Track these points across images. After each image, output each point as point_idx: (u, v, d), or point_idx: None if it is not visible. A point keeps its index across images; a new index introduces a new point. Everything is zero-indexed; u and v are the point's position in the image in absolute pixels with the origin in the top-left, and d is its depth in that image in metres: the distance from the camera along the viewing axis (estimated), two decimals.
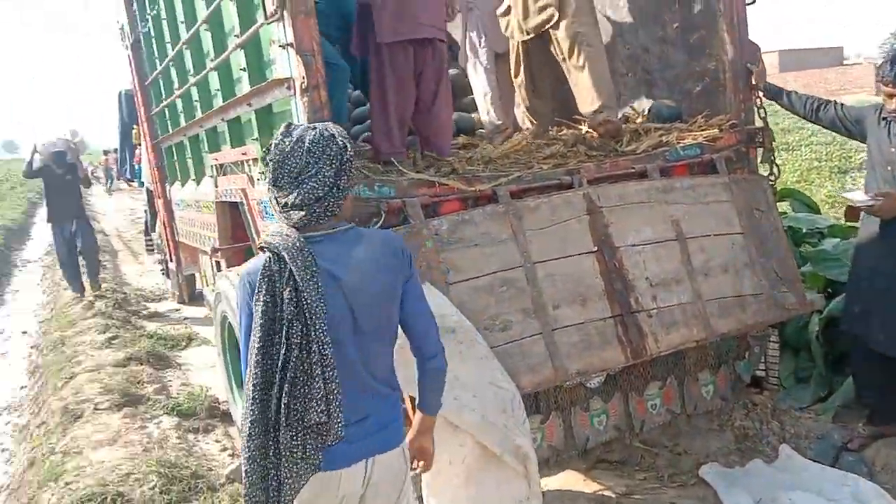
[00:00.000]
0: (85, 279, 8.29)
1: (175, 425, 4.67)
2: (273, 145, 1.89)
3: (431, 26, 3.14)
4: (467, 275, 2.75)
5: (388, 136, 3.13)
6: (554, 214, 2.97)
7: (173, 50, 4.75)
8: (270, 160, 1.88)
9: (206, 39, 3.85)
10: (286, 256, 1.80)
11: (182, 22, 4.32)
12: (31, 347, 7.89)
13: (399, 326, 2.02)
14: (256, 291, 1.81)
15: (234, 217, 4.25)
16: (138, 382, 5.45)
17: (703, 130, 3.64)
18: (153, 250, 9.45)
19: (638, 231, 3.13)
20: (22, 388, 6.70)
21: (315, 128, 1.88)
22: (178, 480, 3.83)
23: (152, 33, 5.52)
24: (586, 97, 3.66)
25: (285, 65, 2.74)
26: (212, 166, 4.29)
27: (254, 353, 1.80)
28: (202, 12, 3.80)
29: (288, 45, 2.59)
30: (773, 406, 3.84)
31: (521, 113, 4.50)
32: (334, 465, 1.88)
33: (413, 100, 3.23)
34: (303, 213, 1.84)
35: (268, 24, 2.73)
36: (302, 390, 1.79)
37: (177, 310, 8.02)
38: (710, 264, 3.27)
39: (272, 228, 1.93)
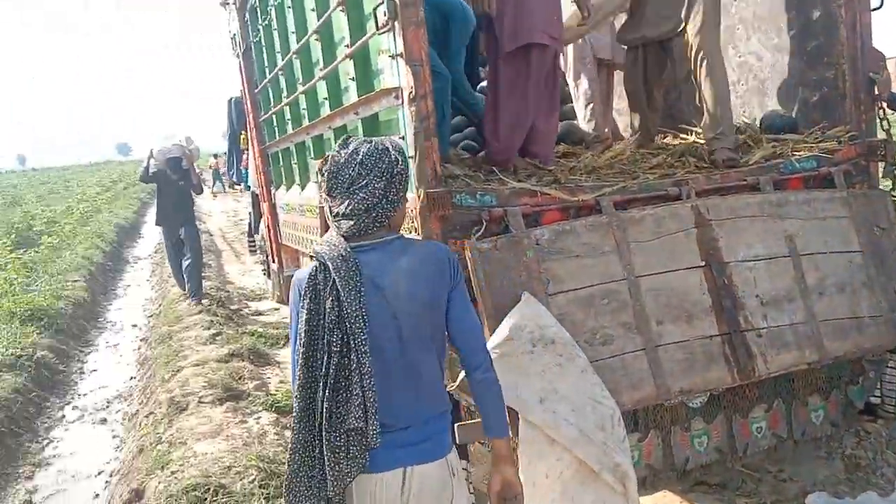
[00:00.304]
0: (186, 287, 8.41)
1: (273, 421, 4.83)
2: (330, 157, 1.96)
3: (546, 33, 3.13)
4: (568, 286, 2.71)
5: (499, 140, 3.15)
6: (660, 227, 2.90)
7: (283, 59, 4.93)
8: (326, 171, 1.95)
9: (316, 49, 3.98)
10: (330, 266, 1.87)
11: (292, 32, 4.48)
12: (141, 340, 8.36)
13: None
14: (302, 298, 1.90)
15: None
16: (239, 378, 5.67)
17: (819, 142, 3.46)
18: (255, 251, 9.81)
19: (749, 246, 3.01)
20: (131, 378, 7.10)
21: (370, 141, 1.95)
22: (277, 476, 3.95)
23: (263, 43, 5.76)
24: (706, 117, 3.56)
25: (394, 74, 2.79)
26: (317, 172, 4.41)
27: (300, 356, 1.89)
28: (313, 23, 3.92)
29: (398, 55, 2.64)
30: (889, 435, 3.61)
31: (622, 121, 4.43)
32: (371, 468, 1.91)
33: (528, 106, 3.24)
34: (352, 222, 1.91)
35: (379, 34, 2.79)
36: (343, 395, 1.86)
37: (276, 309, 8.31)
38: (825, 283, 3.11)
39: (325, 237, 1.98)
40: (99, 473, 5.07)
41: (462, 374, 2.55)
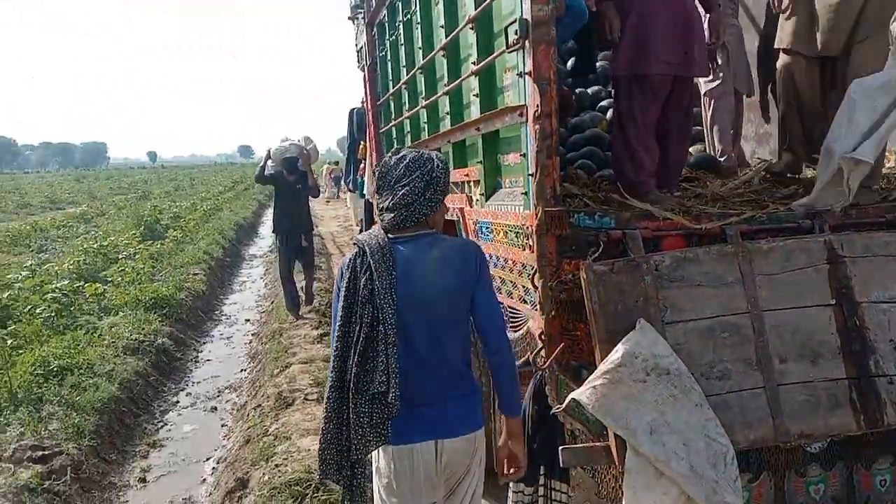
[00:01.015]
0: (301, 293, 8.35)
1: None
2: (383, 162, 2.30)
3: (670, 62, 3.08)
4: (687, 316, 2.62)
5: (633, 172, 3.09)
6: (788, 260, 2.76)
7: (407, 74, 5.05)
8: (377, 171, 2.29)
9: (441, 65, 4.05)
10: (368, 251, 2.20)
11: (419, 48, 4.59)
12: (252, 335, 8.73)
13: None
14: (342, 278, 2.23)
15: (448, 233, 4.41)
16: None
17: None
18: None
19: (884, 287, 2.81)
20: (242, 370, 7.43)
21: (419, 151, 2.34)
22: None
23: (388, 57, 5.92)
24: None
25: (520, 92, 2.81)
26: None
27: (337, 329, 2.18)
28: (440, 40, 4.00)
29: (526, 73, 2.65)
30: None
31: (747, 148, 4.26)
32: (408, 440, 2.21)
33: (652, 131, 3.19)
34: (392, 215, 2.24)
35: (508, 52, 2.81)
36: (370, 364, 2.11)
37: None
38: None
39: (369, 230, 2.35)
40: (207, 459, 5.34)
41: (568, 398, 2.52)
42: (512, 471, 2.40)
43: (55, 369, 5.97)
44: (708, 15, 3.36)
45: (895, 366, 2.75)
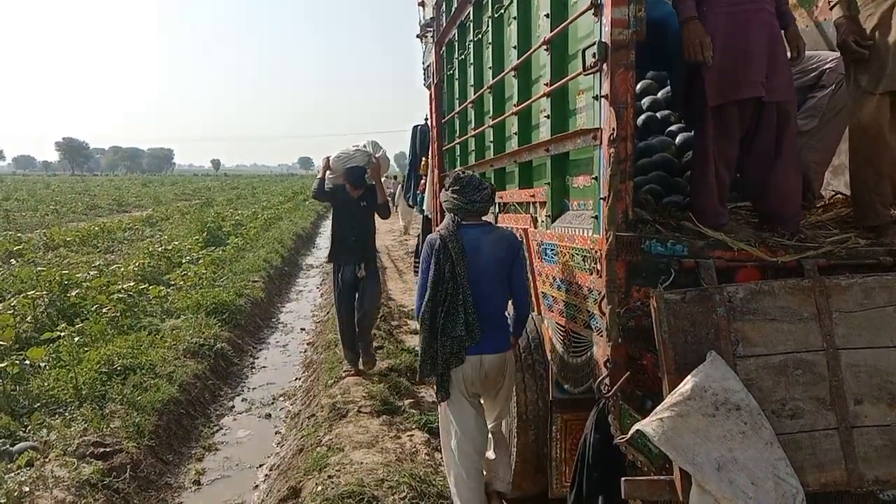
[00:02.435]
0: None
1: (425, 441, 4.92)
2: (466, 174, 3.67)
3: (762, 84, 2.94)
4: (759, 350, 2.54)
5: (709, 201, 3.00)
6: (867, 298, 2.65)
7: (475, 93, 5.08)
8: (460, 180, 3.59)
9: (512, 85, 4.06)
10: (447, 238, 3.49)
11: (489, 67, 4.61)
12: (308, 344, 8.83)
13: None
14: (433, 255, 3.50)
15: None
16: (397, 393, 5.84)
17: None
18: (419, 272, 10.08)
19: None
20: (296, 379, 7.51)
21: (475, 174, 3.90)
22: (426, 496, 4.01)
23: (456, 76, 5.97)
24: None
25: (594, 115, 2.79)
26: (495, 203, 4.48)
27: (429, 291, 3.49)
28: (512, 60, 4.01)
29: (603, 96, 2.63)
30: None
31: (842, 183, 4.09)
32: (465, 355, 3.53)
33: (733, 164, 3.09)
34: (473, 207, 3.55)
35: (585, 75, 2.79)
36: (451, 317, 3.47)
37: None
38: None
39: (443, 222, 3.62)
40: (260, 465, 5.40)
41: (633, 429, 2.47)
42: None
43: (119, 368, 6.15)
44: (784, 31, 3.20)
45: None
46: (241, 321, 8.95)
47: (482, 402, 3.79)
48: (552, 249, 3.38)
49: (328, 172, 6.34)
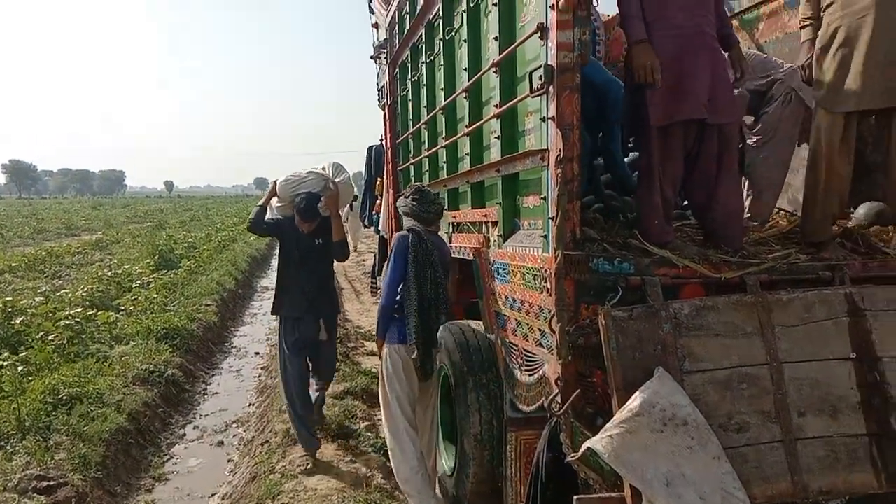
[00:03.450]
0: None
1: (381, 466, 4.87)
2: (426, 190, 4.11)
3: (705, 106, 3.01)
4: (705, 365, 2.59)
5: (655, 220, 3.06)
6: (808, 312, 2.73)
7: (428, 114, 5.11)
8: (421, 192, 4.06)
9: (463, 106, 4.09)
10: (422, 235, 3.95)
11: (441, 89, 4.64)
12: (262, 368, 8.69)
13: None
14: (410, 250, 3.90)
15: (463, 273, 4.42)
16: (352, 416, 5.77)
17: None
18: (376, 292, 10.05)
19: None
20: (250, 404, 7.37)
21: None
22: None
23: (409, 97, 6.00)
24: None
25: (542, 136, 2.83)
26: (449, 223, 4.50)
27: (413, 275, 3.88)
28: (463, 82, 4.05)
29: (549, 118, 2.67)
30: None
31: (785, 200, 4.21)
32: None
33: (678, 183, 3.16)
34: (434, 218, 4.06)
35: (532, 97, 2.84)
36: (440, 294, 3.95)
37: None
38: None
39: (408, 225, 4.06)
40: (212, 495, 5.27)
41: (584, 446, 2.49)
42: None
43: (64, 398, 5.95)
44: (728, 53, 3.30)
45: None
46: (193, 346, 8.77)
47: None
48: (504, 269, 3.40)
49: (274, 200, 5.08)
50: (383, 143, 7.72)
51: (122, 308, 9.86)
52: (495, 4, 3.37)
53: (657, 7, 3.05)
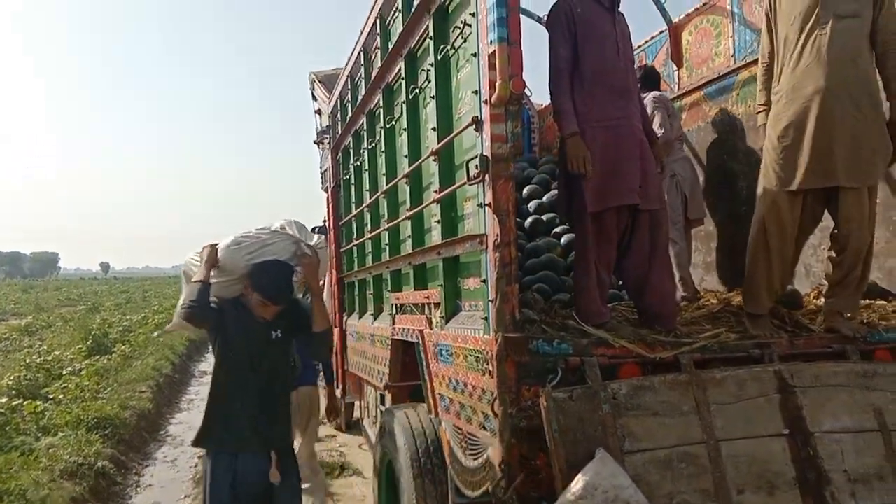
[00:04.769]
0: None
1: None
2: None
3: (637, 192, 3.17)
4: (645, 445, 2.62)
5: (591, 302, 3.15)
6: (741, 389, 2.81)
7: (370, 197, 5.20)
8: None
9: (404, 191, 4.19)
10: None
11: (383, 174, 4.75)
12: (198, 457, 8.34)
13: None
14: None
15: (406, 355, 4.40)
16: None
17: None
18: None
19: (835, 417, 2.87)
20: (185, 496, 7.04)
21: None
22: None
23: (352, 181, 6.10)
24: (857, 295, 3.36)
25: (480, 222, 2.91)
26: (392, 305, 4.51)
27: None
28: (404, 168, 4.15)
29: (486, 204, 2.76)
30: None
31: (695, 276, 4.40)
32: None
33: (612, 265, 3.27)
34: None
35: (469, 184, 2.93)
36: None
37: (333, 436, 8.23)
38: None
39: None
40: None
41: None
42: None
43: None
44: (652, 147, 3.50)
45: (850, 498, 2.77)
46: (125, 436, 8.38)
47: None
48: (447, 350, 3.41)
49: (213, 273, 3.44)
50: (326, 224, 7.77)
51: (51, 396, 9.40)
52: (433, 97, 3.51)
53: (589, 100, 3.24)
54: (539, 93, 7.11)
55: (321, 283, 4.12)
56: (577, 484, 2.41)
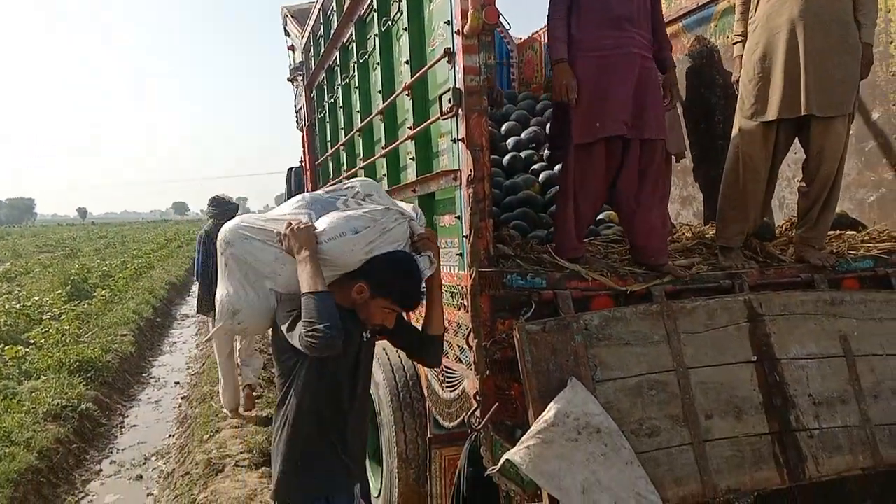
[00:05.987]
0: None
1: None
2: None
3: (625, 123, 3.08)
4: (616, 374, 2.69)
5: (567, 236, 3.14)
6: (711, 319, 2.87)
7: (345, 135, 5.13)
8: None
9: (379, 129, 4.13)
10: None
11: (357, 111, 4.68)
12: (182, 398, 8.43)
13: None
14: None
15: None
16: None
17: (877, 242, 3.43)
18: None
19: (802, 344, 2.96)
20: (170, 436, 7.14)
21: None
22: None
23: (327, 119, 6.00)
24: (822, 225, 3.37)
25: (454, 157, 2.89)
26: None
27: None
28: (378, 104, 4.09)
29: (460, 139, 2.73)
30: None
31: (672, 210, 4.41)
32: None
33: (599, 201, 3.24)
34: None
35: (442, 119, 2.90)
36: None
37: None
38: (880, 387, 3.01)
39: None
40: None
41: (502, 459, 2.53)
42: None
43: None
44: (663, 76, 3.41)
45: (815, 420, 2.87)
46: (108, 378, 8.43)
47: None
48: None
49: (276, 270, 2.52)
50: (303, 164, 7.68)
51: (32, 341, 9.39)
52: (405, 29, 3.43)
53: (582, 29, 3.13)
54: (518, 27, 7.01)
55: None
56: (549, 412, 2.47)
